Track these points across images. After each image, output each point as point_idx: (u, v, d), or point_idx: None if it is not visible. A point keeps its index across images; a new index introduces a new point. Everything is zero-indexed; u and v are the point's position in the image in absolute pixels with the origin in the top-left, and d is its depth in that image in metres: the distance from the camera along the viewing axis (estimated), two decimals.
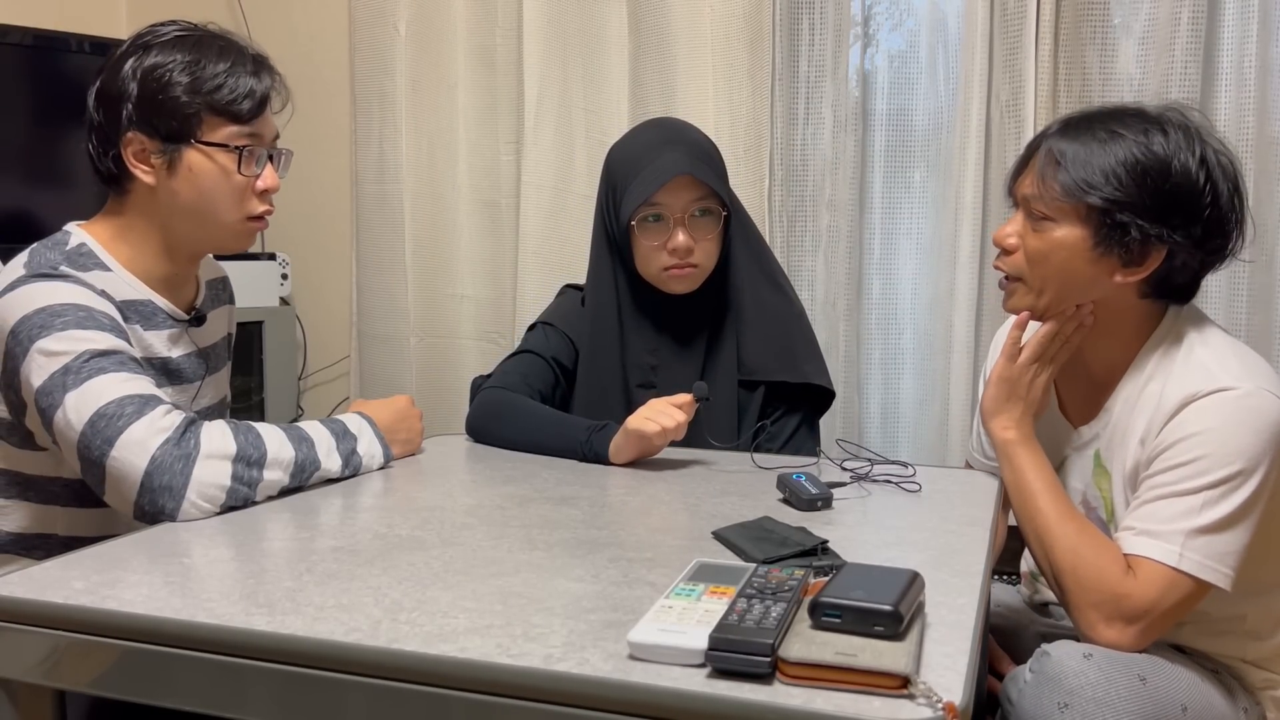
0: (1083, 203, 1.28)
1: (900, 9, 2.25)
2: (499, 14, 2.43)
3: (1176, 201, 1.27)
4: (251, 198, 1.37)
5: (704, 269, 1.63)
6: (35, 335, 1.21)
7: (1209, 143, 1.29)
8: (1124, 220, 1.26)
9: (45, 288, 1.25)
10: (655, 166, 1.58)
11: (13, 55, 2.31)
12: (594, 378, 1.68)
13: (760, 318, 1.68)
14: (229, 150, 1.33)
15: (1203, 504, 1.20)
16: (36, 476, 1.33)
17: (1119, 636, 1.20)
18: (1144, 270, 1.29)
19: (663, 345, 1.67)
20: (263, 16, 2.69)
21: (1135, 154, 1.27)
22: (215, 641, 0.88)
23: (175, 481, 1.16)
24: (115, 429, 1.17)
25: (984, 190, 2.11)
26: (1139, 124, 1.29)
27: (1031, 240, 1.34)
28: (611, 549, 1.10)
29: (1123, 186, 1.26)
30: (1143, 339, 1.34)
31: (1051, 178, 1.30)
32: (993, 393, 1.41)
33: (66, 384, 1.19)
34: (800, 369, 1.68)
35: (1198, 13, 1.94)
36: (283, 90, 1.40)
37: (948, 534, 1.19)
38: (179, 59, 1.31)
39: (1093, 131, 1.30)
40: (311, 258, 2.80)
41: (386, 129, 2.56)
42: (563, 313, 1.75)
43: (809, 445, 1.68)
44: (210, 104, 1.31)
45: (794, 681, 0.77)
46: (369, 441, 1.40)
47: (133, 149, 1.32)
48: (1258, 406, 1.22)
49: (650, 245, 1.60)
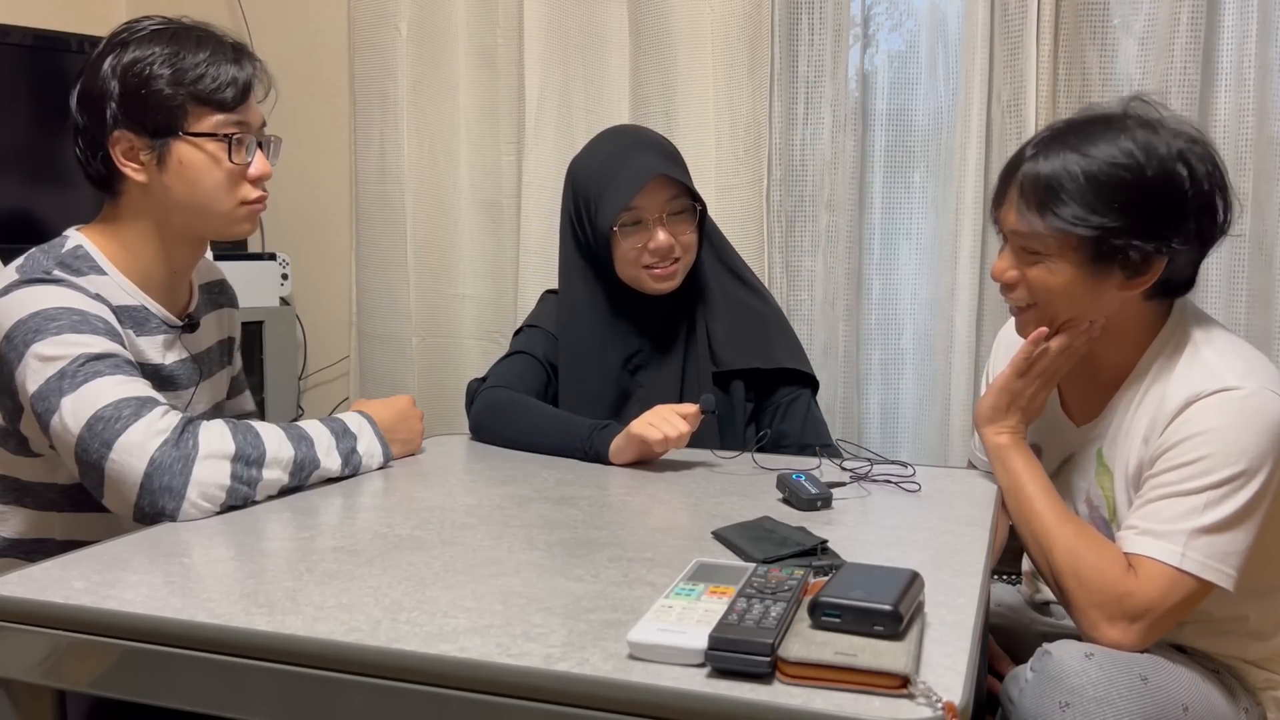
0: (1071, 234, 1.26)
1: (900, 9, 2.25)
2: (500, 14, 2.44)
3: (1163, 208, 1.25)
4: (244, 184, 1.35)
5: (685, 264, 1.65)
6: (30, 340, 1.21)
7: (1178, 131, 1.27)
8: (1117, 244, 1.25)
9: (38, 292, 1.24)
10: (629, 171, 1.60)
11: (13, 55, 2.31)
12: (577, 386, 1.68)
13: (729, 310, 1.70)
14: (218, 139, 1.32)
15: (1205, 504, 1.20)
16: (32, 482, 1.33)
17: (1122, 636, 1.20)
18: (1148, 280, 1.29)
19: (644, 347, 1.69)
20: (263, 16, 2.69)
21: (1108, 171, 1.25)
22: (215, 641, 0.88)
23: (175, 482, 1.16)
24: (113, 431, 1.16)
25: (984, 190, 2.11)
26: (1104, 134, 1.27)
27: (1029, 273, 1.32)
28: (611, 549, 1.10)
29: (1109, 213, 1.24)
30: (1149, 339, 1.34)
31: (1033, 216, 1.28)
32: (991, 401, 1.41)
33: (63, 388, 1.19)
34: (773, 354, 1.69)
35: (1197, 13, 1.94)
36: (264, 77, 1.39)
37: (948, 534, 1.19)
38: (158, 52, 1.30)
39: (1064, 156, 1.27)
40: (311, 258, 2.80)
41: (387, 129, 2.56)
42: (546, 315, 1.77)
43: (823, 429, 1.69)
44: (194, 94, 1.30)
45: (794, 681, 0.77)
46: (369, 441, 1.40)
47: (121, 148, 1.30)
48: (1261, 407, 1.21)
49: (632, 248, 1.61)
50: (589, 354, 1.68)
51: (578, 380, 1.68)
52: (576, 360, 1.69)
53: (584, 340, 1.68)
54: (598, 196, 1.62)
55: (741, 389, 1.68)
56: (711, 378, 1.67)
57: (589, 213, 1.64)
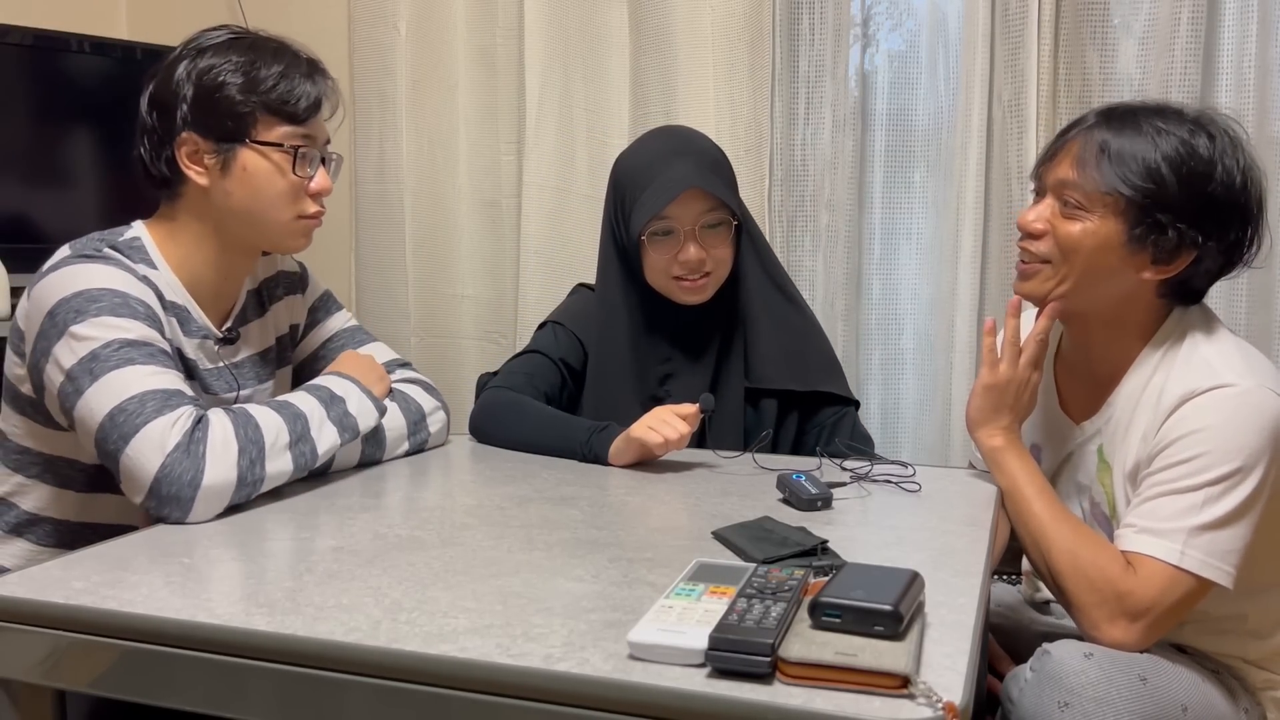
0: (1122, 196, 1.26)
1: (900, 9, 2.25)
2: (499, 14, 2.43)
3: (1215, 206, 1.26)
4: (304, 198, 1.38)
5: (716, 279, 1.61)
6: (70, 320, 1.22)
7: (1248, 152, 1.29)
8: (1162, 219, 1.26)
9: (86, 269, 1.26)
10: (664, 179, 1.56)
11: (13, 55, 2.30)
12: (605, 388, 1.66)
13: (771, 326, 1.66)
14: (283, 150, 1.34)
15: (1204, 500, 1.20)
16: (57, 457, 1.35)
17: (1124, 635, 1.20)
18: (1172, 270, 1.29)
19: (675, 356, 1.66)
20: (262, 16, 2.68)
21: (1181, 153, 1.26)
22: (215, 641, 0.88)
23: (183, 493, 1.16)
24: (133, 426, 1.17)
25: (985, 190, 2.11)
26: (1183, 123, 1.28)
27: (1062, 227, 1.32)
28: (611, 549, 1.10)
29: (1165, 184, 1.25)
30: (1148, 337, 1.34)
31: (1093, 167, 1.28)
32: (977, 403, 1.40)
33: (94, 370, 1.20)
34: (809, 377, 1.66)
35: (1198, 13, 1.94)
36: (335, 96, 1.41)
37: (948, 534, 1.19)
38: (234, 60, 1.32)
39: (1138, 125, 1.28)
40: (311, 258, 2.77)
41: (386, 129, 2.55)
42: (574, 313, 1.74)
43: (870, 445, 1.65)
44: (265, 103, 1.32)
45: (794, 681, 0.77)
46: (358, 399, 1.39)
47: (186, 149, 1.33)
48: (1258, 403, 1.22)
49: (661, 259, 1.58)
50: (621, 356, 1.65)
51: (605, 380, 1.66)
52: (607, 360, 1.66)
53: (617, 340, 1.66)
54: (633, 201, 1.59)
55: (774, 407, 1.65)
56: (744, 393, 1.64)
57: (623, 215, 1.62)
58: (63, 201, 2.35)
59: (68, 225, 1.39)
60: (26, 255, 1.66)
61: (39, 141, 2.36)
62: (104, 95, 2.42)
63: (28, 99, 2.34)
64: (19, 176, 2.34)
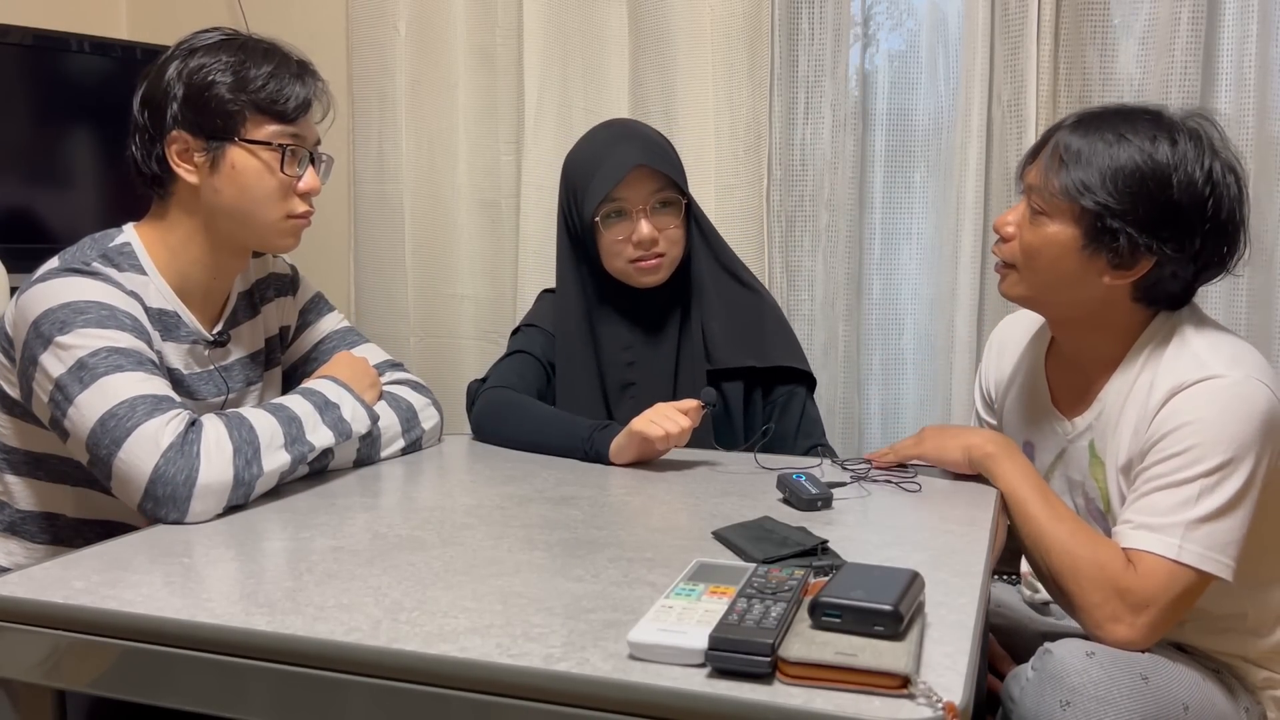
0: (1077, 203, 1.28)
1: (900, 8, 2.25)
2: (499, 14, 2.43)
3: (1173, 214, 1.26)
4: (293, 197, 1.38)
5: (671, 259, 1.64)
6: (55, 331, 1.23)
7: (1220, 155, 1.29)
8: (1114, 225, 1.26)
9: (72, 283, 1.27)
10: (612, 162, 1.60)
11: (13, 55, 2.30)
12: (571, 380, 1.69)
13: (723, 307, 1.69)
14: (272, 148, 1.35)
15: (1199, 493, 1.21)
16: (47, 455, 1.35)
17: (1128, 632, 1.20)
18: (1133, 274, 1.29)
19: (636, 342, 1.68)
20: (262, 15, 2.68)
21: (1137, 161, 1.26)
22: (215, 641, 0.88)
23: (179, 493, 1.17)
24: (124, 430, 1.18)
25: (985, 190, 2.11)
26: (1150, 129, 1.28)
27: (1027, 233, 1.34)
28: (611, 549, 1.10)
29: (1118, 193, 1.26)
30: (1134, 336, 1.35)
31: (1053, 174, 1.30)
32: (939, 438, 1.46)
33: (83, 378, 1.20)
34: (767, 354, 1.68)
35: (1198, 13, 1.94)
36: (325, 98, 1.42)
37: (948, 534, 1.19)
38: (224, 59, 1.33)
39: (1101, 132, 1.29)
40: (310, 258, 2.77)
41: (386, 129, 2.55)
42: (542, 314, 1.77)
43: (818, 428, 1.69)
44: (255, 102, 1.33)
45: (794, 681, 0.77)
46: (351, 406, 1.39)
47: (176, 148, 1.33)
48: (1246, 394, 1.22)
49: (615, 240, 1.61)
50: (582, 345, 1.68)
51: (571, 371, 1.68)
52: (570, 352, 1.69)
53: (577, 331, 1.68)
54: (583, 188, 1.63)
55: (740, 389, 1.68)
56: (706, 376, 1.67)
57: (576, 203, 1.65)
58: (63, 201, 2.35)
59: (68, 225, 1.39)
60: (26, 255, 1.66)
61: (39, 141, 2.36)
62: (104, 95, 2.41)
63: (28, 99, 2.34)
64: (19, 176, 2.33)
